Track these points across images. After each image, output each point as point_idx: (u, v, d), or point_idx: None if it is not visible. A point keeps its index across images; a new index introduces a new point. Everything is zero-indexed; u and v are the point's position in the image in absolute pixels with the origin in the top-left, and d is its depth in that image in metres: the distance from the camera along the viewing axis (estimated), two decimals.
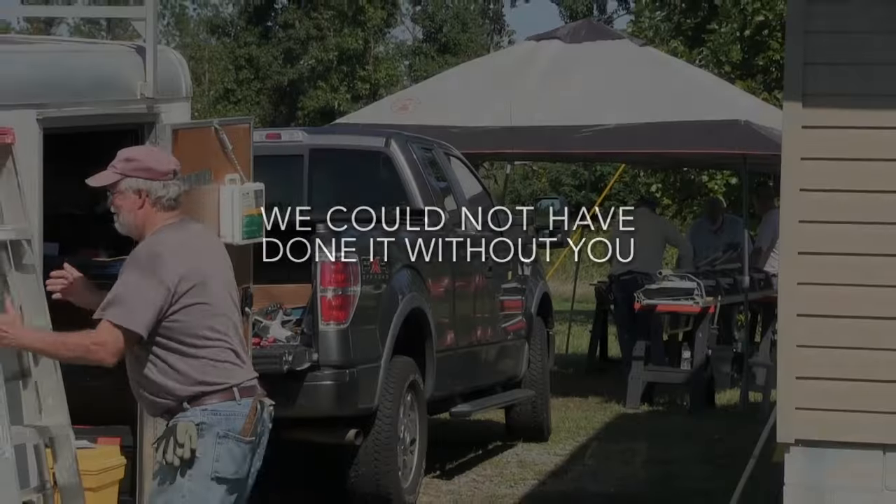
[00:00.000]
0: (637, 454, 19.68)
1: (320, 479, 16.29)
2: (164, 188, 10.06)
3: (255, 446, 10.04)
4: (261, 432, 10.14)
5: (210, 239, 11.02)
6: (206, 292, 10.01)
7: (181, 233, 10.23)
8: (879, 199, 13.24)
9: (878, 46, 13.34)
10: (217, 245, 10.96)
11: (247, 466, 10.06)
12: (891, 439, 13.22)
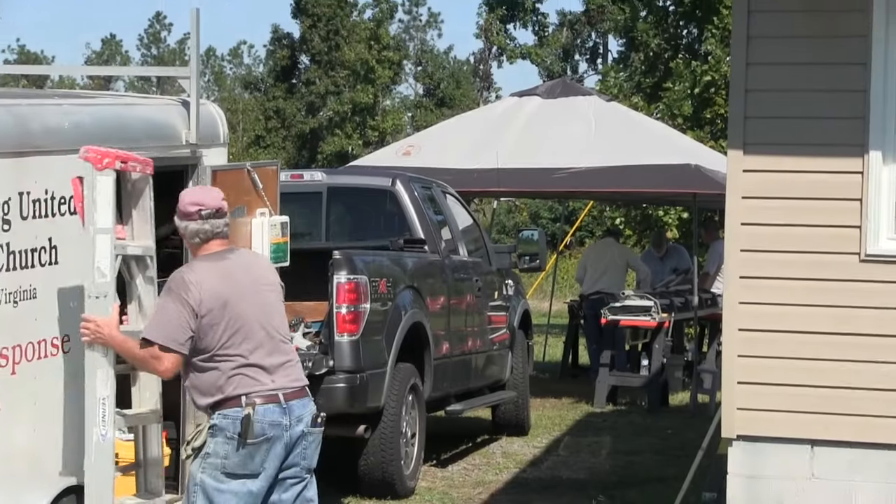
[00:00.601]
0: (603, 446, 19.76)
1: (334, 467, 16.30)
2: (198, 225, 10.30)
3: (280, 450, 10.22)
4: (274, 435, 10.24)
5: (248, 266, 11.03)
6: (226, 314, 10.27)
7: (214, 262, 10.63)
8: (805, 231, 13.33)
9: (804, 104, 13.43)
10: (255, 272, 11.01)
11: (259, 462, 10.23)
12: (816, 435, 13.34)
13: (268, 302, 10.75)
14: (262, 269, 11.27)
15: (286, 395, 10.34)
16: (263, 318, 10.65)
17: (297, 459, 10.50)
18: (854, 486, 13.26)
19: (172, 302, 10.26)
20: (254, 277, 10.89)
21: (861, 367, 13.19)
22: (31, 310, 10.71)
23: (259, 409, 10.13)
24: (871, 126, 13.11)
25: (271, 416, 10.22)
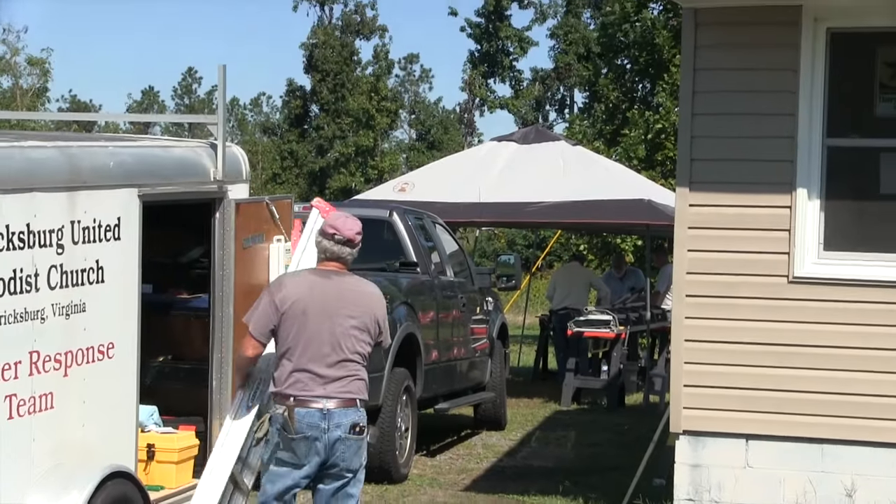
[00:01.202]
0: (568, 439, 19.72)
1: None
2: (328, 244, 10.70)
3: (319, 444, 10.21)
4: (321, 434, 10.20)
5: (342, 290, 10.74)
6: (300, 320, 10.39)
7: (317, 276, 10.79)
8: (742, 257, 13.41)
9: (741, 148, 13.50)
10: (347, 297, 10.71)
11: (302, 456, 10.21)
12: (751, 431, 13.46)
13: (345, 325, 10.54)
14: (355, 297, 10.80)
15: (331, 403, 10.25)
16: (335, 336, 10.49)
17: (337, 461, 10.35)
18: (782, 475, 13.35)
19: (266, 296, 10.61)
20: (343, 301, 10.64)
21: (789, 373, 13.28)
22: (81, 321, 10.69)
23: (300, 411, 10.14)
24: (798, 168, 13.25)
25: (310, 419, 10.17)
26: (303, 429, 10.22)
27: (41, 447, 10.34)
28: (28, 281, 10.19)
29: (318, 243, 10.84)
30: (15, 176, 10.19)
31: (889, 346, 13.10)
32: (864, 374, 13.15)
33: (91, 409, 10.86)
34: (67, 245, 10.59)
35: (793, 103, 13.29)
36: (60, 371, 10.54)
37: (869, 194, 13.64)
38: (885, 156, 13.52)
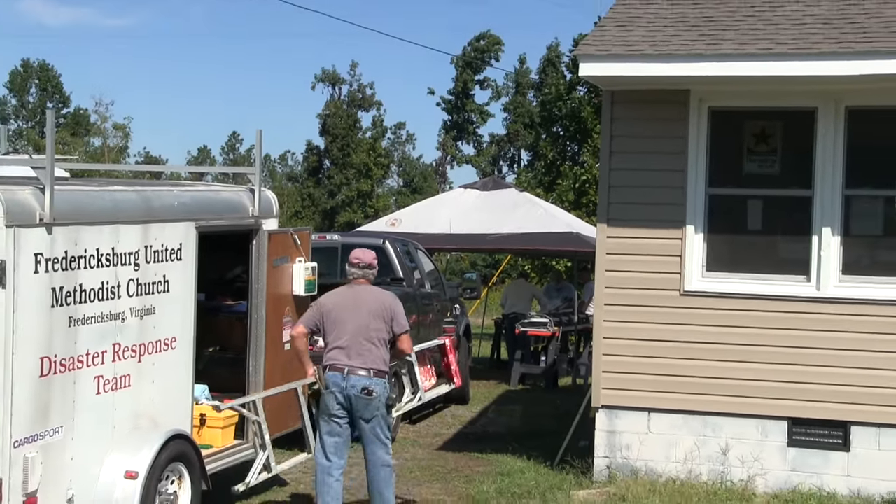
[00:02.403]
0: (515, 412, 19.66)
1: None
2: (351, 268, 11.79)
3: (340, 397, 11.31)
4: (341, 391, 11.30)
5: (361, 296, 11.68)
6: (337, 318, 11.47)
7: (347, 288, 11.81)
8: (646, 276, 13.47)
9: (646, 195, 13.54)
10: (365, 300, 11.66)
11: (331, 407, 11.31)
12: (651, 406, 13.52)
13: (364, 319, 11.49)
14: (371, 300, 11.69)
15: (350, 370, 11.23)
16: (357, 327, 11.44)
17: (355, 411, 11.33)
18: (675, 439, 13.41)
19: (315, 305, 11.95)
20: (361, 303, 11.58)
21: (680, 363, 13.32)
22: (151, 321, 10.69)
23: (329, 374, 11.30)
24: (687, 210, 13.32)
25: (334, 379, 11.25)
26: (329, 385, 11.33)
27: (121, 415, 10.36)
28: (112, 290, 10.22)
29: (347, 267, 11.87)
30: (104, 213, 10.21)
31: (752, 342, 13.16)
32: (734, 364, 13.19)
33: (158, 387, 10.86)
34: (142, 264, 10.62)
35: (683, 162, 13.36)
36: (136, 358, 10.54)
37: (739, 230, 13.68)
38: (751, 202, 13.65)
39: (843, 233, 13.11)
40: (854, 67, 12.40)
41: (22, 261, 9.14)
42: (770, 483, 13.13)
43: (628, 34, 13.41)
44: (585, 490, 13.01)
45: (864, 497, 12.78)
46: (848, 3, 13.80)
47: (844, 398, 12.92)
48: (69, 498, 9.69)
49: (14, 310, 9.02)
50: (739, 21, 13.55)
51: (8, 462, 8.97)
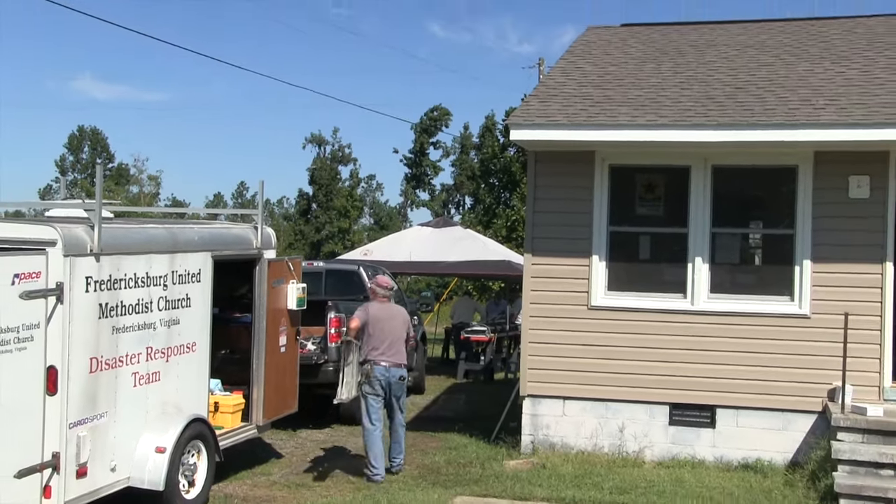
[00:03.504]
0: (461, 399, 19.62)
1: (328, 411, 16.09)
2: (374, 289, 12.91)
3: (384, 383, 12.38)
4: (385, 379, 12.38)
5: (392, 310, 12.85)
6: (376, 324, 12.44)
7: (379, 304, 12.74)
8: (562, 294, 13.42)
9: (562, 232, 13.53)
10: (395, 313, 12.83)
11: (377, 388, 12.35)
12: (565, 394, 13.43)
13: (394, 326, 12.61)
14: (398, 314, 12.85)
15: (388, 363, 12.35)
16: (391, 331, 12.52)
17: (392, 392, 12.44)
18: (583, 420, 13.39)
19: (361, 311, 12.60)
20: (391, 315, 12.69)
21: (588, 361, 13.32)
22: (177, 330, 10.64)
23: (376, 367, 12.28)
24: (593, 243, 13.32)
25: (379, 371, 12.28)
26: (377, 375, 12.32)
27: (152, 403, 10.30)
28: (146, 305, 10.17)
29: (371, 290, 13.14)
30: (140, 245, 10.18)
31: (642, 345, 13.22)
32: (629, 362, 13.23)
33: (182, 381, 10.80)
34: (170, 285, 10.57)
35: (589, 206, 13.40)
36: (164, 359, 10.49)
37: (632, 259, 13.66)
38: (642, 237, 13.68)
39: (710, 261, 13.20)
40: (717, 136, 12.59)
41: (76, 283, 9.16)
42: (656, 453, 13.17)
43: (547, 108, 13.50)
44: (515, 460, 13.03)
45: (725, 462, 12.88)
46: (713, 88, 14.03)
47: (712, 388, 13.02)
48: (112, 468, 9.68)
49: (70, 321, 9.05)
50: (631, 100, 13.66)
51: (65, 440, 8.99)
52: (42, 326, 8.88)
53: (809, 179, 12.90)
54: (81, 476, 9.20)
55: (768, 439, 12.88)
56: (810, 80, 13.99)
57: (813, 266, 12.86)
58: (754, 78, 14.34)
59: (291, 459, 13.50)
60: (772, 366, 12.88)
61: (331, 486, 11.94)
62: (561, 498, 10.95)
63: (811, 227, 12.89)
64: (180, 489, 10.35)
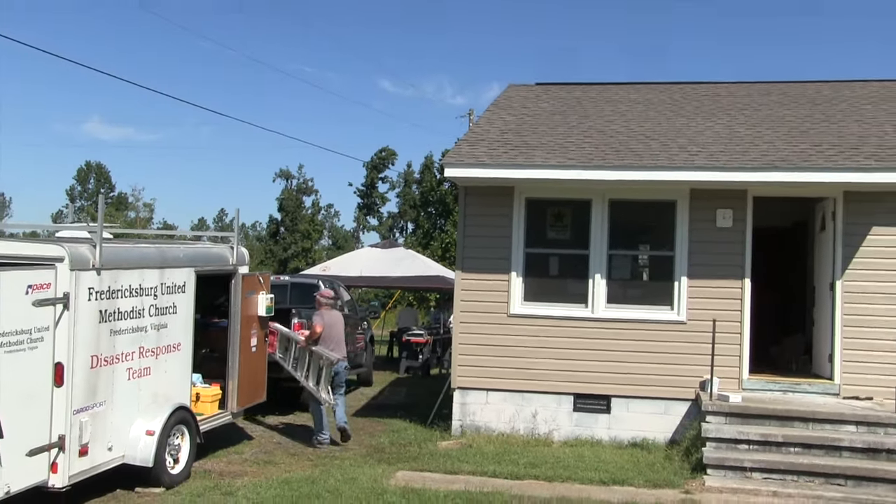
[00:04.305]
0: (403, 391, 19.54)
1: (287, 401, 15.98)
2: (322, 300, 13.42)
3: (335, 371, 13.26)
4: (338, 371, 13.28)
5: (336, 316, 13.63)
6: (329, 328, 13.15)
7: (327, 312, 13.38)
8: (486, 304, 13.38)
9: (486, 252, 13.53)
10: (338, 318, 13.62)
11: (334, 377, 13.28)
12: (488, 387, 13.34)
13: (340, 328, 13.42)
14: (339, 318, 13.66)
15: (338, 357, 13.15)
16: (338, 333, 13.33)
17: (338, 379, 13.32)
18: (503, 407, 13.38)
19: (318, 317, 13.15)
20: (337, 320, 13.46)
21: (507, 360, 13.32)
22: (165, 332, 10.57)
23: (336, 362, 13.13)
24: (511, 262, 13.33)
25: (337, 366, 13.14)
26: (337, 369, 13.19)
27: (143, 394, 10.22)
28: (139, 312, 10.10)
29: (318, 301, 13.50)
30: (134, 261, 10.10)
31: (552, 346, 13.23)
32: (541, 360, 13.26)
33: (168, 375, 10.72)
34: (159, 295, 10.49)
35: (509, 232, 13.44)
36: (154, 357, 10.41)
37: (544, 275, 13.59)
38: (551, 257, 13.61)
39: (607, 277, 13.27)
40: (613, 175, 12.68)
41: (80, 293, 9.11)
42: (562, 435, 13.21)
43: (475, 151, 13.52)
44: (446, 441, 13.02)
45: (618, 441, 12.97)
46: (609, 136, 14.16)
47: (608, 381, 13.10)
48: (109, 448, 9.59)
49: (74, 324, 8.99)
50: (544, 144, 13.74)
51: (69, 424, 8.92)
52: (51, 329, 8.82)
53: (686, 212, 13.06)
54: (83, 455, 9.12)
55: (652, 422, 12.99)
56: (686, 132, 14.21)
57: (689, 282, 13.00)
58: (643, 129, 14.51)
59: (260, 441, 13.42)
60: (656, 362, 12.99)
61: (293, 462, 11.89)
62: (484, 472, 10.97)
63: (687, 250, 13.03)
64: (167, 466, 10.28)
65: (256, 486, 10.23)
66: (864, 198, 12.70)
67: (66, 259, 8.98)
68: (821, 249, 13.67)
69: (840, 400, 12.36)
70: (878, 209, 12.71)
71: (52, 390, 8.83)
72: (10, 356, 8.31)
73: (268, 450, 12.72)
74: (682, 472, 11.14)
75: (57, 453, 8.84)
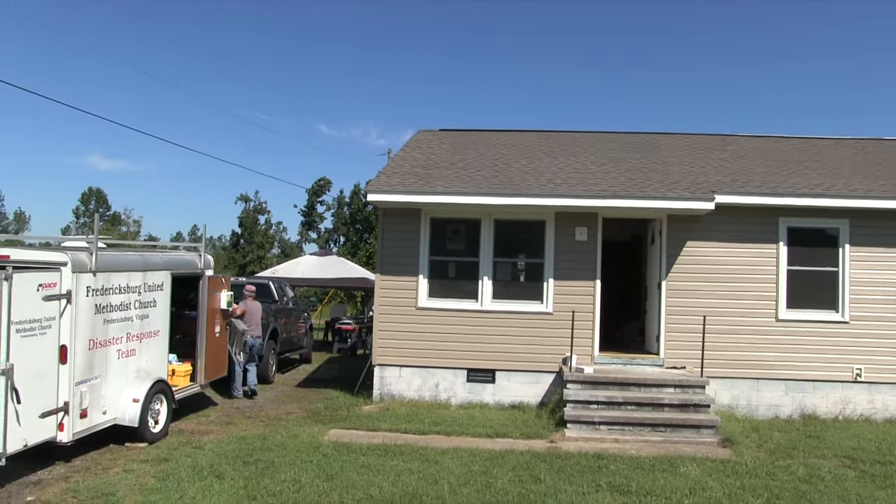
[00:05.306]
0: (335, 367, 19.39)
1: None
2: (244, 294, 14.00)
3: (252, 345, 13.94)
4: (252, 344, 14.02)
5: (256, 305, 14.15)
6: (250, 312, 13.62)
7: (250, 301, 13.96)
8: (399, 301, 13.19)
9: (400, 259, 13.37)
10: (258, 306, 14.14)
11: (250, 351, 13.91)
12: (402, 363, 13.16)
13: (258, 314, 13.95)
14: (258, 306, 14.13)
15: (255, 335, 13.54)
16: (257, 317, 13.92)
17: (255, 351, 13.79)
18: (412, 379, 13.34)
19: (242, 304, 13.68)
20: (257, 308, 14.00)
21: (415, 343, 13.29)
22: (147, 321, 10.52)
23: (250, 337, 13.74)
24: (419, 268, 13.36)
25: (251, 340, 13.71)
26: (250, 342, 13.66)
27: (130, 370, 10.15)
28: (126, 305, 10.06)
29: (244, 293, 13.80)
30: (123, 265, 10.06)
31: (451, 332, 13.24)
32: (442, 343, 13.26)
33: (150, 355, 10.66)
34: (142, 292, 10.45)
35: (417, 244, 13.41)
36: (138, 341, 10.36)
37: (445, 277, 13.49)
38: (450, 263, 13.53)
39: (493, 279, 13.30)
40: (497, 201, 12.75)
41: (80, 290, 9.08)
42: (458, 400, 13.22)
43: (391, 180, 13.39)
44: (369, 406, 12.97)
45: (501, 405, 13.01)
46: (495, 170, 14.18)
47: (493, 358, 13.17)
48: (103, 412, 9.53)
49: (76, 315, 8.97)
50: (445, 176, 13.67)
51: (72, 393, 8.90)
52: (57, 319, 8.80)
53: (553, 229, 13.20)
54: (84, 417, 9.09)
55: (527, 389, 13.08)
56: (553, 168, 14.34)
57: (555, 282, 13.14)
58: (520, 165, 14.59)
59: (223, 407, 13.35)
60: (530, 344, 13.08)
61: (248, 423, 11.86)
62: (398, 429, 11.06)
63: (553, 259, 13.17)
64: (149, 426, 10.25)
65: (220, 441, 10.29)
66: (682, 220, 13.16)
67: (69, 264, 8.96)
68: (651, 257, 14.08)
69: (664, 369, 12.74)
70: (692, 227, 13.23)
71: (58, 367, 8.81)
72: (25, 340, 8.31)
73: (229, 413, 12.69)
74: (549, 426, 11.34)
75: (63, 416, 8.81)
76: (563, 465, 9.26)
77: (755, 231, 13.09)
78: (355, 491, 8.12)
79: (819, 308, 13.06)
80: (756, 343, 12.97)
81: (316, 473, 8.70)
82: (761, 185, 13.21)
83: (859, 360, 12.93)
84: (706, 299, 13.05)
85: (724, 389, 12.91)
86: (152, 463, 9.20)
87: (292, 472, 8.75)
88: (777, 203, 12.81)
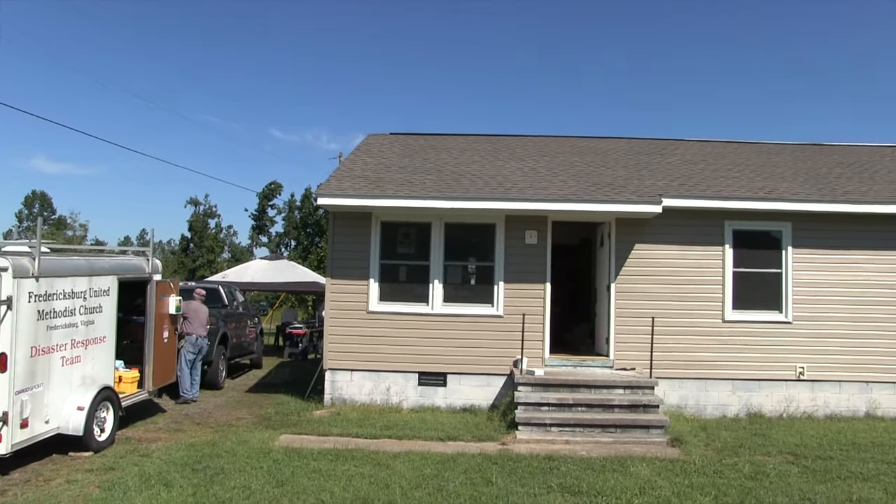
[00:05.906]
0: (286, 372, 19.30)
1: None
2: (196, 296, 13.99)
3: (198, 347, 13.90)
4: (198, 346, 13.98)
5: (202, 307, 14.08)
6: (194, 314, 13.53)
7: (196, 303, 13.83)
8: (349, 305, 13.18)
9: (350, 263, 13.35)
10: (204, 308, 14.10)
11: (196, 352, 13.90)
12: (353, 367, 13.06)
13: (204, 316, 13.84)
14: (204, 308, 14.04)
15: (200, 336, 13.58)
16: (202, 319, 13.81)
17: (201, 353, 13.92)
18: (364, 383, 13.29)
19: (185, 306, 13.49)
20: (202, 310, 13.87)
21: (366, 346, 13.25)
22: (93, 327, 10.32)
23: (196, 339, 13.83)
24: (370, 271, 13.32)
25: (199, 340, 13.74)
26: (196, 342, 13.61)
27: (75, 377, 9.97)
28: (71, 311, 9.86)
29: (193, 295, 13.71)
30: (67, 270, 9.86)
31: (402, 335, 13.22)
32: (394, 347, 13.23)
33: (96, 362, 10.48)
34: (88, 297, 10.26)
35: (368, 247, 13.38)
36: (83, 347, 10.18)
37: (395, 281, 13.48)
38: (401, 267, 13.53)
39: (444, 282, 13.33)
40: (447, 204, 12.79)
41: (21, 296, 8.87)
42: (410, 404, 13.22)
43: (342, 184, 13.38)
44: (320, 411, 12.95)
45: (453, 408, 13.05)
46: (445, 174, 14.25)
47: (445, 362, 13.18)
48: (46, 421, 9.32)
49: (17, 322, 8.75)
50: (395, 180, 13.70)
51: (12, 402, 8.67)
52: None
53: (503, 232, 13.28)
54: (24, 427, 8.86)
55: (478, 392, 13.12)
56: (503, 172, 14.46)
57: (505, 285, 13.22)
58: (470, 169, 14.68)
59: (172, 413, 13.16)
60: (481, 347, 13.13)
61: (198, 430, 11.72)
62: (349, 433, 11.03)
63: (504, 262, 13.25)
64: (94, 434, 10.06)
65: (168, 449, 10.13)
66: (631, 223, 13.36)
67: (10, 269, 8.73)
68: (600, 260, 14.25)
69: (614, 371, 12.89)
70: (640, 231, 13.44)
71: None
72: None
73: (178, 420, 12.51)
74: (500, 429, 11.39)
75: (1, 426, 8.57)
76: (514, 468, 9.31)
77: (701, 234, 13.33)
78: (306, 496, 8.05)
79: (764, 309, 13.34)
80: (703, 344, 13.21)
81: (266, 479, 8.62)
82: (707, 189, 13.46)
83: (802, 358, 13.23)
84: (654, 301, 13.24)
85: (673, 390, 13.10)
86: (97, 472, 9.00)
87: (242, 478, 8.66)
88: (722, 206, 13.06)
